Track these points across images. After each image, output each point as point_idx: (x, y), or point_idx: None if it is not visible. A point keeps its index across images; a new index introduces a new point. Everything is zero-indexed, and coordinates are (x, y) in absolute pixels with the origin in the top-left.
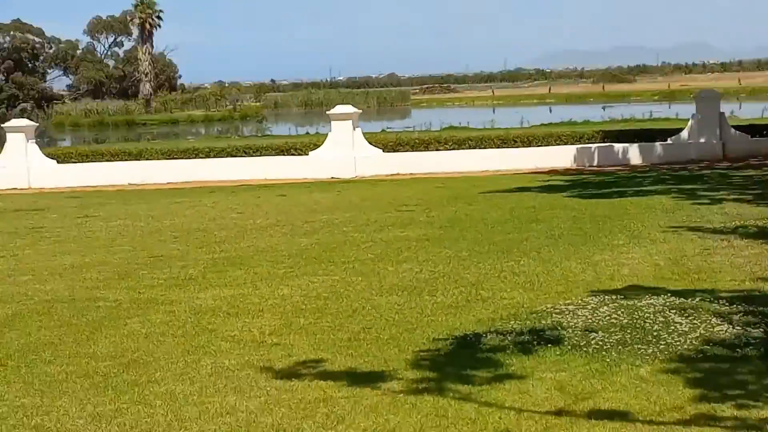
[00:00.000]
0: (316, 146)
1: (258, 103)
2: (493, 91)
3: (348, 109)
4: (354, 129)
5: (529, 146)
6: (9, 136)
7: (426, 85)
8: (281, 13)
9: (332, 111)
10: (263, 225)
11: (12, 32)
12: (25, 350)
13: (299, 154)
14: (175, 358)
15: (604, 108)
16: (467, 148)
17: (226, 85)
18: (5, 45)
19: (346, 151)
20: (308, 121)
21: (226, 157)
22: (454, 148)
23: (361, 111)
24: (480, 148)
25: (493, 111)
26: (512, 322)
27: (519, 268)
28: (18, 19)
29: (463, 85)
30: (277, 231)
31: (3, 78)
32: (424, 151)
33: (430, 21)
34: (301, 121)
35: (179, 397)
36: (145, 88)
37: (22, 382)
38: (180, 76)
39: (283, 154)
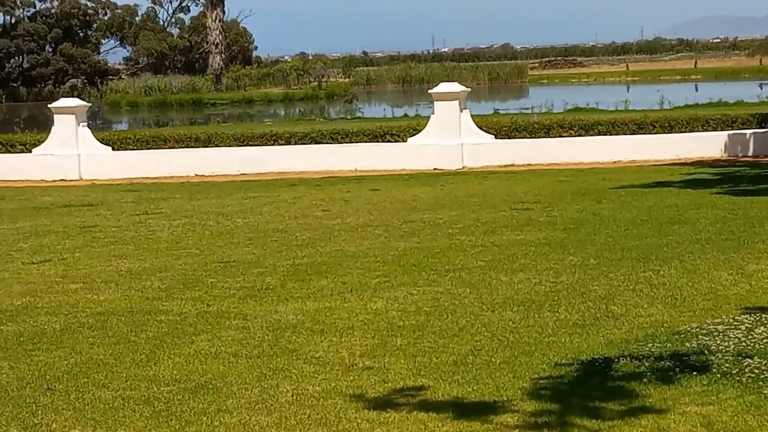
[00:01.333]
0: (416, 131)
1: (347, 79)
2: (627, 65)
3: (454, 87)
4: (461, 111)
5: (671, 132)
6: (57, 118)
7: (547, 58)
8: None
9: (435, 89)
10: (353, 225)
11: None
12: (75, 371)
13: (396, 141)
14: (249, 383)
15: (761, 86)
16: (596, 134)
17: (310, 57)
18: (52, 11)
19: (451, 138)
20: (406, 101)
21: (310, 143)
22: (580, 135)
23: (469, 89)
24: (611, 134)
25: (627, 89)
26: (650, 345)
27: (658, 280)
28: None
29: (591, 58)
30: (369, 232)
31: (50, 50)
32: (545, 137)
33: None
34: (398, 101)
35: (254, 430)
36: (215, 61)
37: (72, 409)
38: (256, 48)
39: (377, 141)
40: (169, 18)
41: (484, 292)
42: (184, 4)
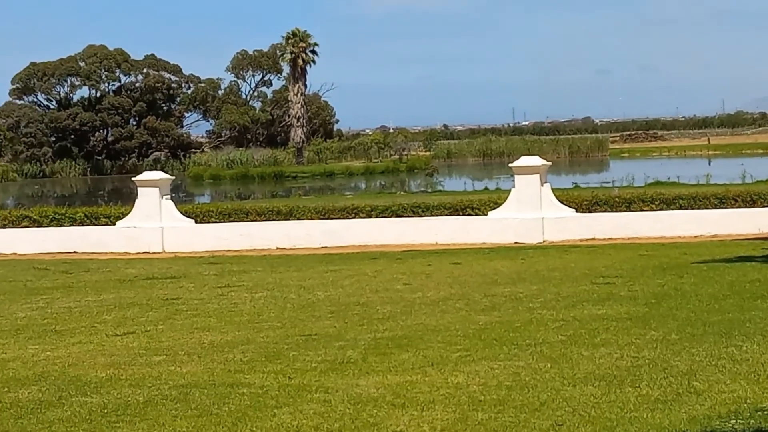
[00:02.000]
0: (497, 204)
1: (428, 152)
2: (708, 139)
3: (535, 160)
4: (542, 184)
5: (753, 206)
6: (141, 191)
7: (627, 132)
8: (454, 47)
9: (516, 163)
10: (434, 299)
11: (145, 70)
12: None
13: (476, 214)
14: None
15: None
16: (677, 208)
17: (391, 130)
18: (137, 84)
19: (532, 211)
20: (487, 174)
21: (391, 216)
22: (661, 208)
23: (550, 163)
24: (693, 208)
25: (709, 163)
26: (732, 421)
27: (741, 355)
28: (152, 55)
29: (672, 131)
30: (450, 306)
31: (134, 123)
32: (626, 211)
33: (633, 55)
34: (479, 174)
35: None
36: (297, 134)
37: None
38: (337, 121)
39: (458, 214)
40: (251, 92)
41: (566, 367)
42: (266, 78)
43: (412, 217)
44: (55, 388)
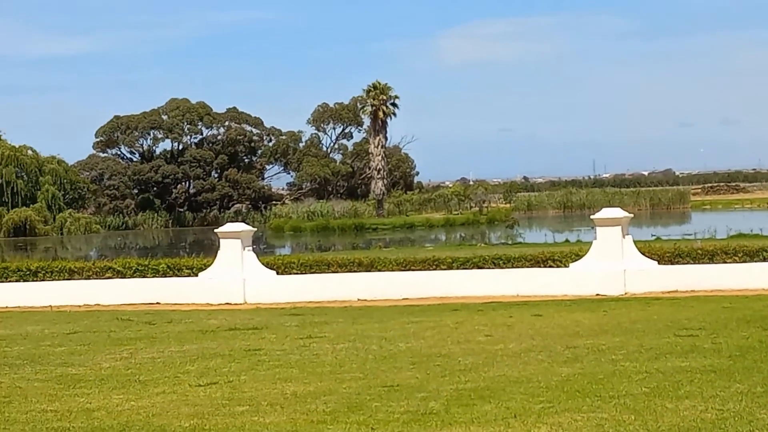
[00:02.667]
0: (578, 256)
1: (508, 204)
2: None
3: (616, 212)
4: (623, 236)
5: None
6: (223, 242)
7: (709, 184)
8: (534, 100)
9: (597, 215)
10: (516, 350)
11: (227, 123)
12: None
13: (557, 266)
14: None
15: None
16: (760, 260)
17: (471, 182)
18: (219, 137)
19: (613, 263)
20: (567, 226)
21: (472, 268)
22: (744, 261)
23: (632, 215)
24: None
25: None
26: None
27: None
28: (234, 107)
29: (755, 183)
30: (532, 358)
31: (216, 175)
32: (708, 263)
33: (715, 107)
34: (559, 226)
35: None
36: (377, 186)
37: None
38: (417, 173)
39: (539, 266)
40: (332, 144)
41: (649, 419)
42: (347, 131)
43: (493, 268)
44: None
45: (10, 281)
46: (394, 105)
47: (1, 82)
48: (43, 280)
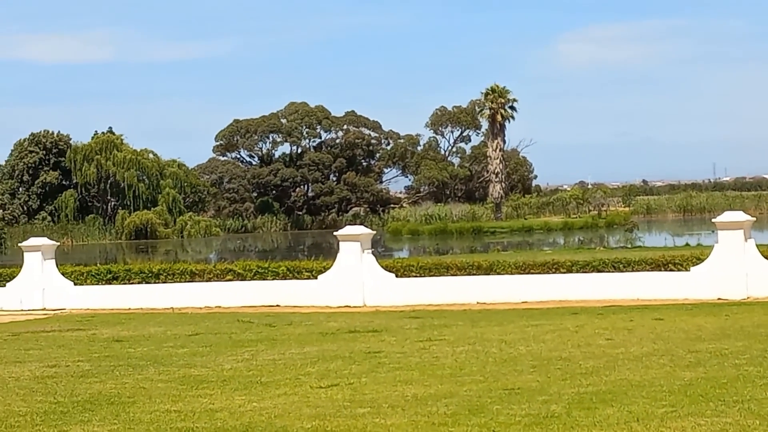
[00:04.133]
0: (699, 260)
1: (627, 208)
2: None
3: (739, 216)
4: (745, 240)
5: None
6: (342, 245)
7: None
8: (652, 103)
9: (719, 218)
10: (637, 354)
11: (345, 126)
12: None
13: (678, 270)
14: None
15: None
16: None
17: (589, 186)
18: (338, 141)
19: (735, 267)
20: (687, 229)
21: (591, 271)
22: None
23: (754, 218)
24: None
25: None
26: None
27: None
28: (352, 111)
29: None
30: (654, 362)
31: (334, 179)
32: None
33: None
34: (679, 229)
35: None
36: (495, 189)
37: None
38: (535, 176)
39: (659, 269)
40: (450, 147)
41: None
42: (465, 134)
43: (612, 272)
44: None
45: (132, 283)
46: (512, 108)
47: (122, 87)
48: (164, 282)
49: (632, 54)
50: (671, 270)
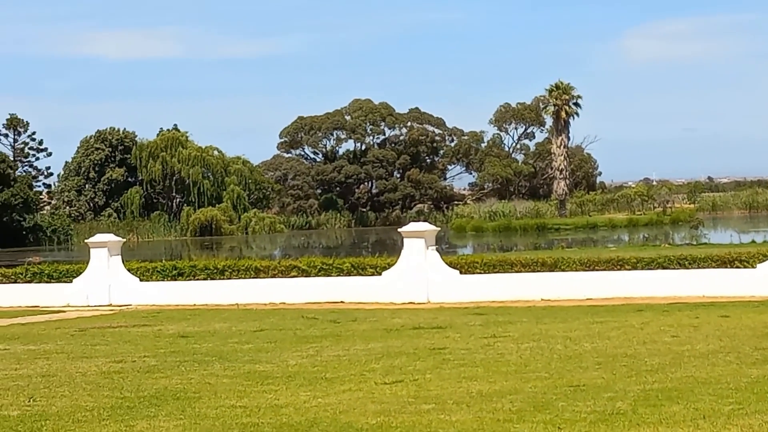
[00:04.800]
0: (765, 257)
1: (692, 205)
2: None
3: None
4: None
5: None
6: (407, 242)
7: None
8: (718, 99)
9: None
10: (703, 351)
11: (409, 123)
12: None
13: (744, 267)
14: None
15: None
16: None
17: (654, 183)
18: (401, 138)
19: None
20: (753, 226)
21: (656, 268)
22: None
23: None
24: None
25: None
26: None
27: None
28: (416, 108)
29: None
30: (720, 359)
31: (398, 175)
32: None
33: None
34: (745, 226)
35: None
36: (559, 186)
37: None
38: (600, 173)
39: (725, 266)
40: (514, 144)
41: None
42: (528, 131)
43: (678, 269)
44: None
45: (198, 279)
46: (576, 105)
47: (188, 84)
48: (229, 279)
49: (698, 49)
50: (737, 267)
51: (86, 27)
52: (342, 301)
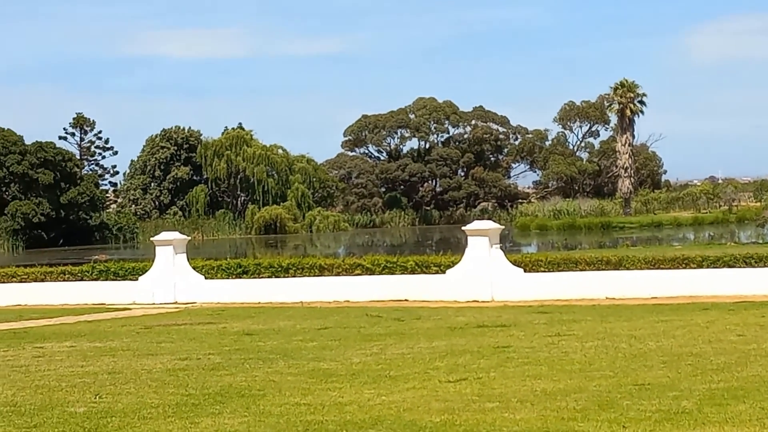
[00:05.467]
0: None
1: (758, 203)
2: None
3: None
4: None
5: None
6: (471, 240)
7: None
8: None
9: None
10: None
11: (473, 121)
12: None
13: None
14: None
15: None
16: None
17: (720, 181)
18: (465, 136)
19: None
20: None
21: (722, 267)
22: None
23: None
24: None
25: None
26: None
27: None
28: (480, 106)
29: None
30: None
31: (462, 174)
32: None
33: None
34: None
35: None
36: (624, 184)
37: None
38: (665, 171)
39: None
40: (578, 142)
41: None
42: (593, 129)
43: (743, 267)
44: None
45: (262, 277)
46: (641, 103)
47: (253, 83)
48: (294, 277)
49: (766, 46)
50: None
51: (152, 26)
52: (406, 299)
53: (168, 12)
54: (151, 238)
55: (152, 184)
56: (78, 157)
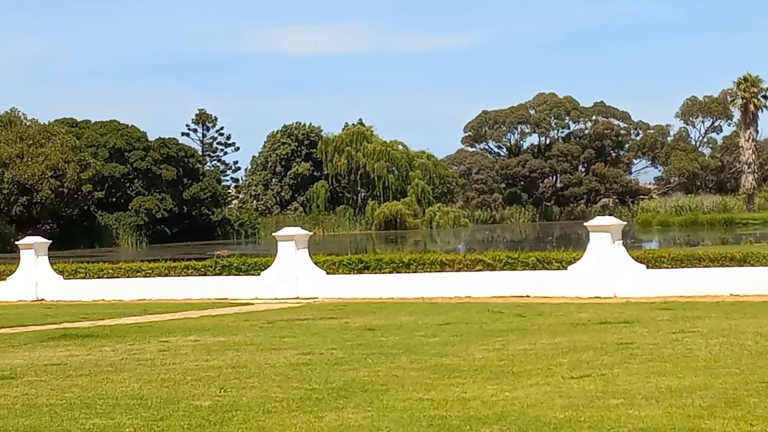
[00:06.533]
0: None
1: None
2: None
3: None
4: None
5: None
6: (592, 236)
7: None
8: None
9: None
10: None
11: (594, 117)
12: None
13: None
14: None
15: None
16: None
17: None
18: (586, 131)
19: None
20: None
21: None
22: None
23: None
24: None
25: None
26: None
27: None
28: (601, 102)
29: None
30: None
31: (583, 169)
32: None
33: None
34: None
35: None
36: (747, 180)
37: None
38: None
39: None
40: (700, 138)
41: None
42: (716, 124)
43: None
44: (516, 428)
45: (383, 273)
46: (765, 98)
47: (372, 79)
48: (415, 272)
49: None
50: None
51: (271, 23)
52: (527, 295)
53: (287, 9)
54: (273, 234)
55: (273, 180)
56: (200, 153)
